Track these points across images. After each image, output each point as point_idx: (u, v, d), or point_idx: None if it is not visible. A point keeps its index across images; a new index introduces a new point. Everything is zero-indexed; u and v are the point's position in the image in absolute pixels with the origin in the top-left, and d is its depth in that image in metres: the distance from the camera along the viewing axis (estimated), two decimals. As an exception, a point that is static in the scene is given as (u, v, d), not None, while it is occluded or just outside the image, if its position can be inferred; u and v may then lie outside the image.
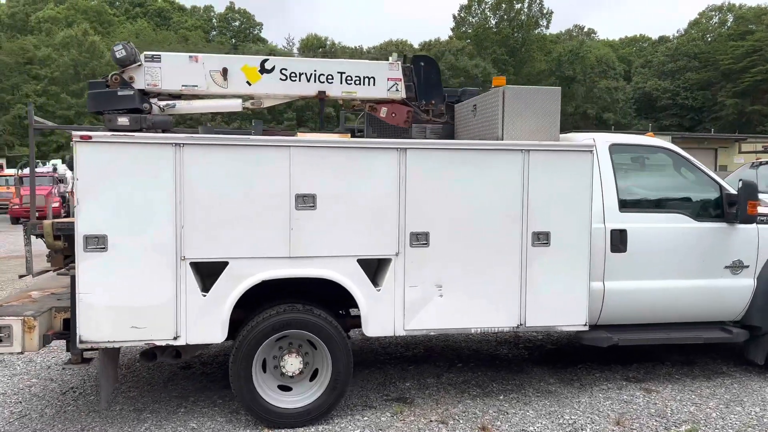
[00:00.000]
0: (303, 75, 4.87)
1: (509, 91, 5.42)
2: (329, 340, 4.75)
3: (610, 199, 5.41)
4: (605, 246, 5.35)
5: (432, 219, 4.86)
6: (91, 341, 4.44)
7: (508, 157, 4.95)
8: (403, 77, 5.02)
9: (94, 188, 4.37)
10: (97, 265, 4.39)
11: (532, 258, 5.02)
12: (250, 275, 4.62)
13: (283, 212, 4.62)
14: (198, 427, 4.79)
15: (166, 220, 4.46)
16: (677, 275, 5.51)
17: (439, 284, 4.89)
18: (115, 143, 4.39)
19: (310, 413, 4.77)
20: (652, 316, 5.57)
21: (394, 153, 4.76)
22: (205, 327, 4.57)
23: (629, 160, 5.84)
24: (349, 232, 4.73)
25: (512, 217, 4.97)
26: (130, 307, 4.45)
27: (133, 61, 4.59)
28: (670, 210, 5.60)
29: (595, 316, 5.41)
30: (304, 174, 4.63)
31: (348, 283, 4.76)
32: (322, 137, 4.79)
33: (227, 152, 4.54)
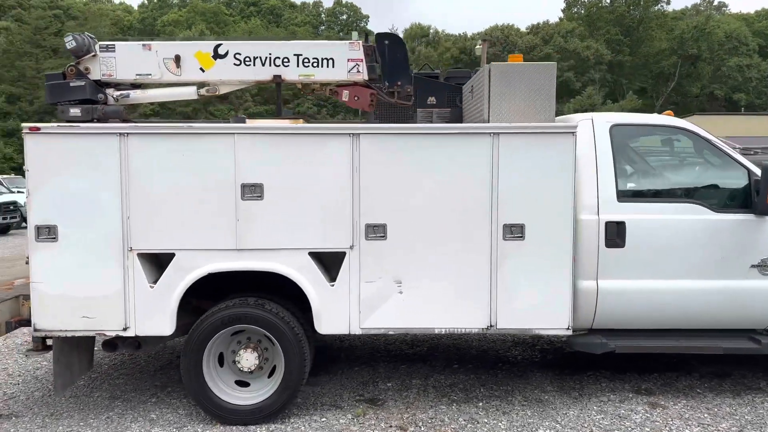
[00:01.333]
0: (257, 59, 4.65)
1: (495, 68, 4.93)
2: (281, 337, 4.54)
3: (606, 187, 4.77)
4: (599, 240, 4.73)
5: (390, 210, 4.50)
6: (45, 329, 4.52)
7: (474, 141, 4.49)
8: (365, 57, 4.67)
9: (44, 179, 4.42)
10: (48, 255, 4.45)
11: (504, 253, 4.53)
12: (197, 267, 4.50)
13: (229, 202, 4.45)
14: (157, 418, 4.77)
15: (112, 210, 4.44)
16: (690, 275, 4.77)
17: (398, 280, 4.53)
18: (62, 134, 4.42)
19: (262, 411, 4.59)
20: (660, 322, 4.87)
21: (346, 139, 4.45)
22: (154, 319, 4.51)
23: (636, 142, 5.14)
24: (299, 224, 4.49)
25: (480, 209, 4.50)
26: (81, 297, 4.48)
27: (87, 52, 4.60)
28: (682, 200, 4.86)
29: (588, 319, 4.81)
30: (250, 162, 4.44)
31: (297, 277, 4.52)
32: (269, 123, 4.57)
33: (171, 141, 4.44)
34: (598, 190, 4.76)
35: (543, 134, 4.49)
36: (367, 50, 4.69)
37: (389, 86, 4.85)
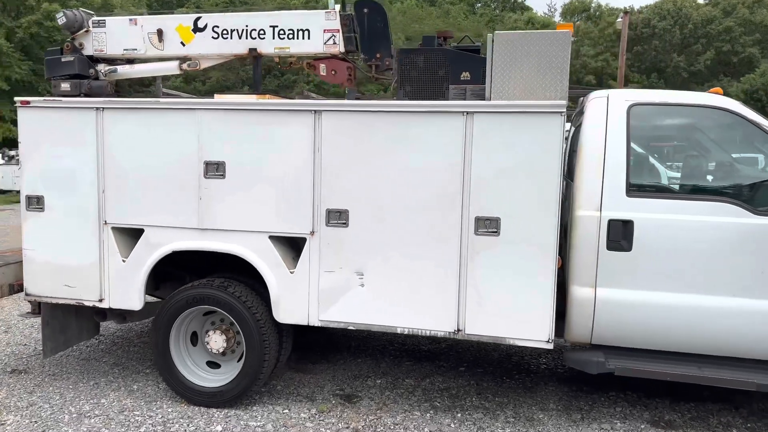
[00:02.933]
0: (234, 31, 4.46)
1: (499, 38, 4.35)
2: (241, 322, 4.38)
3: (614, 178, 3.99)
4: (598, 241, 3.99)
5: (352, 195, 4.13)
6: (34, 294, 4.75)
7: (444, 121, 3.96)
8: (342, 28, 4.29)
9: (33, 151, 4.62)
10: (36, 224, 4.66)
11: (475, 249, 3.97)
12: (163, 244, 4.47)
13: (193, 180, 4.35)
14: (137, 389, 4.86)
15: (90, 184, 4.53)
16: (716, 290, 3.88)
17: (360, 272, 4.17)
18: (47, 108, 4.58)
19: (223, 395, 4.48)
20: (673, 343, 4.02)
21: (308, 116, 4.14)
22: (125, 292, 4.57)
23: (662, 126, 4.25)
24: (260, 206, 4.28)
25: (449, 198, 3.98)
26: (63, 266, 4.64)
27: (80, 27, 4.70)
28: (713, 197, 3.94)
29: (584, 332, 4.11)
30: (213, 139, 4.30)
31: (256, 260, 4.32)
32: (232, 98, 4.37)
33: (140, 116, 4.41)
34: (603, 181, 4.01)
35: (524, 114, 3.85)
36: (344, 20, 4.32)
37: (368, 59, 4.44)
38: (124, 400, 4.65)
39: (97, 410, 4.49)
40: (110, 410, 4.49)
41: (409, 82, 5.67)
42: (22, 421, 4.32)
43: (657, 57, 44.73)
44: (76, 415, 4.41)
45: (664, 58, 44.38)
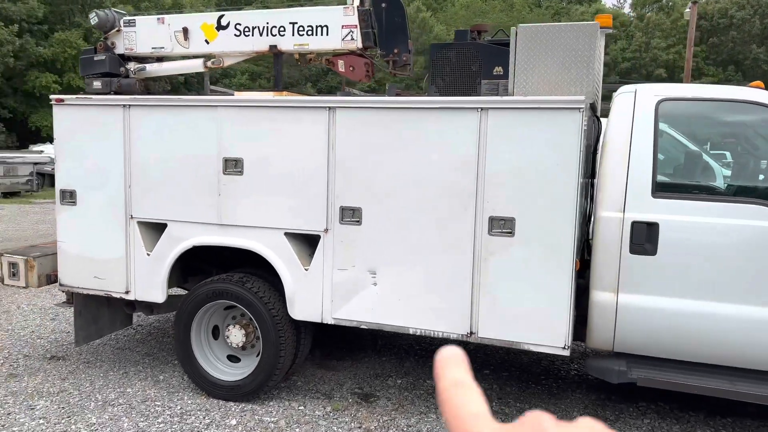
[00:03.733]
0: (256, 29, 4.47)
1: (523, 31, 4.22)
2: (258, 317, 4.41)
3: (639, 178, 3.78)
4: (621, 243, 3.79)
5: (365, 193, 4.08)
6: (67, 285, 4.94)
7: (458, 117, 3.85)
8: (359, 23, 4.23)
9: (66, 147, 4.80)
10: (69, 218, 4.84)
11: (489, 250, 3.85)
12: (185, 239, 4.55)
13: (213, 177, 4.41)
14: (163, 380, 4.97)
15: (117, 178, 4.66)
16: (752, 300, 3.61)
17: (372, 270, 4.11)
18: (79, 105, 4.73)
19: (241, 389, 4.53)
20: (702, 354, 3.77)
21: (323, 113, 4.11)
22: (149, 285, 4.68)
23: (694, 123, 3.98)
24: (276, 202, 4.29)
25: (463, 197, 3.87)
26: (93, 258, 4.80)
27: (112, 27, 4.83)
28: (748, 200, 3.67)
29: (606, 339, 3.92)
30: (231, 136, 4.33)
31: (272, 257, 4.33)
32: (251, 96, 4.38)
33: (164, 113, 4.50)
34: (627, 181, 3.80)
35: (541, 110, 3.69)
36: (362, 15, 4.26)
37: (386, 54, 4.37)
38: (149, 390, 4.77)
39: (121, 399, 4.63)
40: (134, 399, 4.61)
41: (441, 77, 5.60)
42: (51, 407, 4.49)
43: (735, 49, 42.44)
44: (101, 403, 4.56)
45: (743, 49, 42.06)
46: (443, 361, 0.47)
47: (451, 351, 0.48)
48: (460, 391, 0.44)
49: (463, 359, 0.47)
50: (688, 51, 20.62)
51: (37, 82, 30.75)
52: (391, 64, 4.40)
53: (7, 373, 5.11)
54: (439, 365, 0.47)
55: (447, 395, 0.44)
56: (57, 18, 33.87)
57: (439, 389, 0.45)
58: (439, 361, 0.47)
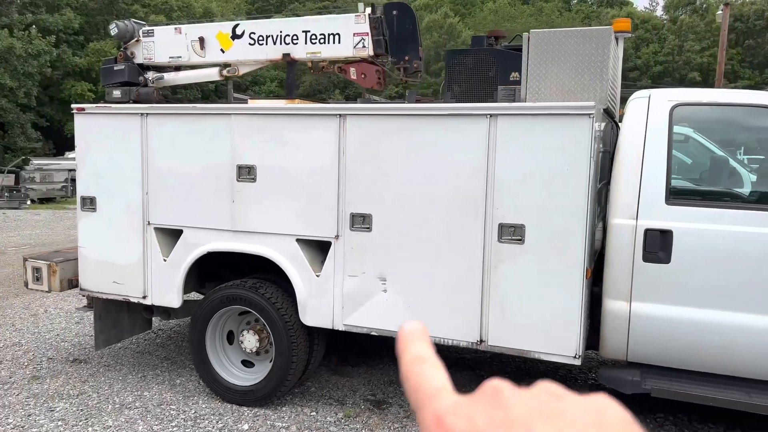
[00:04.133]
0: (270, 37, 4.52)
1: (535, 36, 4.21)
2: (271, 323, 4.45)
3: (652, 185, 3.72)
4: (633, 252, 3.73)
5: (375, 199, 4.09)
6: (87, 290, 5.05)
7: (467, 124, 3.83)
8: (371, 31, 4.24)
9: (87, 154, 4.91)
10: (90, 224, 4.95)
11: (499, 258, 3.82)
12: (200, 245, 4.61)
13: (227, 183, 4.46)
14: (179, 384, 5.05)
15: (135, 185, 4.75)
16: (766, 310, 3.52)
17: (383, 277, 4.12)
18: (99, 114, 4.85)
19: (254, 394, 4.57)
20: (719, 365, 3.67)
21: (333, 120, 4.14)
22: (165, 290, 4.75)
23: (710, 128, 3.89)
24: (288, 209, 4.32)
25: (473, 204, 3.85)
26: (112, 263, 4.90)
27: (132, 37, 4.94)
28: (763, 206, 3.57)
29: (619, 348, 3.85)
30: (244, 143, 4.39)
31: (284, 263, 4.37)
32: (263, 103, 4.43)
33: (180, 121, 4.58)
34: (640, 187, 3.74)
35: (550, 116, 3.65)
36: (373, 23, 4.28)
37: (396, 61, 4.38)
38: (165, 394, 4.84)
39: (138, 402, 4.70)
40: (150, 403, 4.68)
41: (458, 84, 5.59)
42: (70, 409, 4.59)
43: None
44: (118, 406, 4.64)
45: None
46: (405, 337, 0.47)
47: (413, 326, 0.48)
48: (423, 365, 0.44)
49: (425, 334, 0.48)
50: (720, 54, 20.20)
51: (73, 90, 31.53)
52: (402, 71, 4.41)
53: (31, 375, 5.23)
54: (401, 341, 0.47)
55: (409, 370, 0.44)
56: (92, 29, 34.72)
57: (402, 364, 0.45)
58: (402, 337, 0.47)
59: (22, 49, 27.62)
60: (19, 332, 6.43)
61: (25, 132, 29.43)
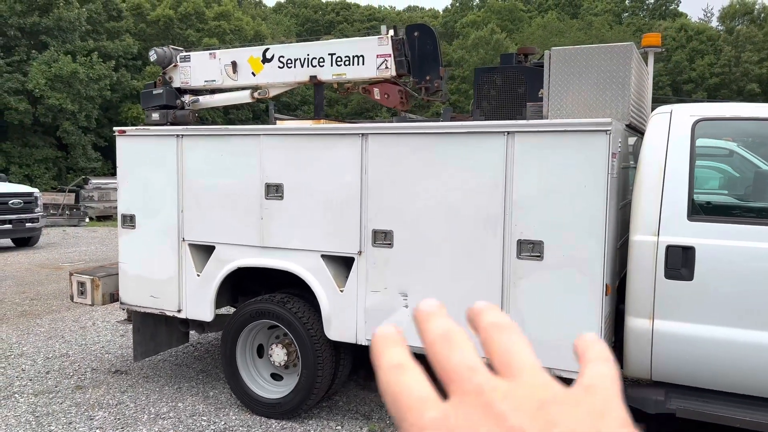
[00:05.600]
0: (297, 60, 4.68)
1: (557, 54, 4.25)
2: (297, 337, 4.56)
3: (674, 201, 3.67)
4: (655, 269, 3.68)
5: (396, 216, 4.17)
6: (127, 303, 5.28)
7: (485, 141, 3.87)
8: (393, 52, 4.34)
9: (127, 174, 5.16)
10: (129, 240, 5.19)
11: (518, 274, 3.83)
12: (231, 261, 4.77)
13: (256, 201, 4.62)
14: (212, 396, 5.20)
15: (171, 204, 4.97)
16: (797, 328, 3.42)
17: (404, 293, 4.18)
18: (138, 136, 5.09)
19: (281, 407, 4.67)
20: (749, 385, 3.57)
21: (356, 139, 4.25)
22: (199, 304, 4.93)
23: (734, 144, 3.81)
24: (313, 225, 4.44)
25: (491, 220, 3.88)
26: (149, 278, 5.12)
27: (170, 62, 5.19)
28: (792, 222, 3.48)
29: (643, 367, 3.79)
30: (272, 163, 4.54)
31: (310, 279, 4.48)
32: (291, 124, 4.57)
33: (213, 142, 4.77)
34: (662, 204, 3.70)
35: (568, 133, 3.66)
36: (395, 44, 4.38)
37: (418, 81, 4.46)
38: (198, 405, 5.00)
39: (172, 413, 4.87)
40: (183, 414, 4.84)
41: (487, 101, 5.64)
42: (108, 417, 4.79)
43: (837, 61, 39.81)
44: (153, 416, 4.82)
45: None
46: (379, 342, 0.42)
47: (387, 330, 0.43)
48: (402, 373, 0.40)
49: (400, 339, 0.43)
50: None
51: (130, 113, 32.89)
52: (424, 91, 4.49)
53: (75, 384, 5.48)
54: (374, 347, 0.42)
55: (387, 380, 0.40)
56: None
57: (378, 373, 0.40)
58: (375, 343, 0.42)
59: (84, 74, 29.02)
60: (68, 344, 6.73)
61: (86, 153, 30.79)
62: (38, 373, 5.77)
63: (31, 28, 30.38)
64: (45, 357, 6.26)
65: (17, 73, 28.93)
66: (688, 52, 45.13)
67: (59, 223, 20.96)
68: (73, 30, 31.92)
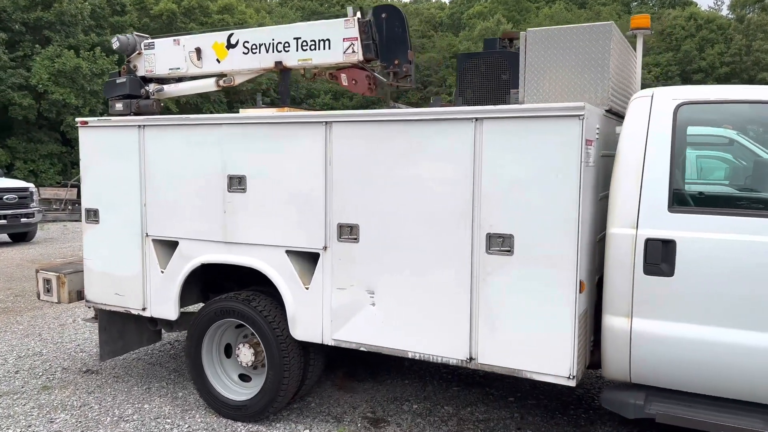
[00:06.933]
0: (262, 46, 4.44)
1: (533, 36, 4.01)
2: (263, 337, 4.34)
3: (654, 191, 3.41)
4: (634, 264, 3.42)
5: (362, 209, 3.93)
6: (92, 301, 5.08)
7: (452, 129, 3.62)
8: (360, 35, 4.09)
9: (90, 167, 4.96)
10: (93, 235, 4.99)
11: (488, 270, 3.58)
12: (194, 257, 4.56)
13: (219, 194, 4.40)
14: (181, 397, 5.00)
15: (134, 197, 4.75)
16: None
17: (371, 290, 3.94)
18: (100, 127, 4.88)
19: (247, 409, 4.45)
20: (732, 389, 3.31)
21: (319, 128, 4.01)
22: (163, 302, 4.72)
23: (720, 129, 3.54)
24: (277, 220, 4.21)
25: (459, 213, 3.63)
26: (114, 275, 4.91)
27: (134, 50, 4.97)
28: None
29: (621, 368, 3.54)
30: (235, 153, 4.31)
31: (274, 275, 4.25)
32: (253, 112, 4.33)
33: (174, 132, 4.55)
34: (640, 194, 3.44)
35: (537, 119, 3.40)
36: (362, 27, 4.13)
37: (386, 66, 4.21)
38: (165, 407, 4.80)
39: (136, 415, 4.67)
40: (147, 416, 4.65)
41: (471, 88, 5.38)
42: (69, 420, 4.60)
43: None
44: (116, 419, 4.62)
45: None
46: None
47: None
48: None
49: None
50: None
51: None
52: (392, 76, 4.24)
53: (42, 385, 5.30)
54: None
55: None
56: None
57: None
58: None
59: (88, 69, 28.92)
60: (44, 342, 6.57)
61: (90, 147, 30.70)
62: (7, 373, 5.59)
63: (34, 23, 30.34)
64: (17, 356, 6.09)
65: (21, 69, 28.90)
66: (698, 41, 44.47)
67: (61, 218, 20.89)
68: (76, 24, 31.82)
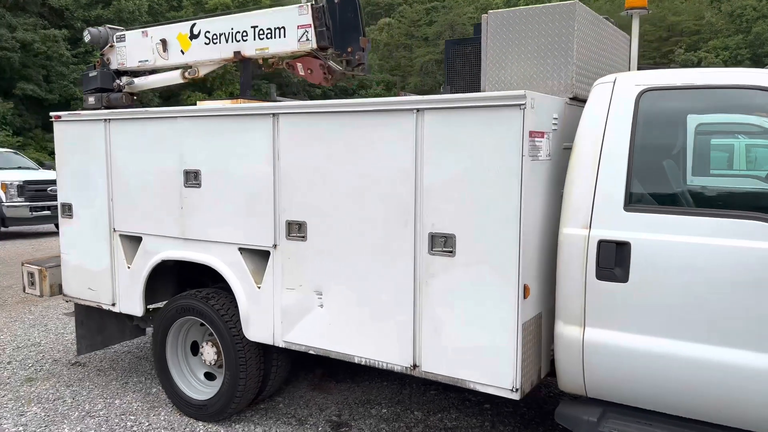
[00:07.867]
0: (222, 35, 4.29)
1: (494, 18, 3.73)
2: (220, 335, 4.23)
3: (609, 187, 3.08)
4: (585, 268, 3.11)
5: (309, 206, 3.75)
6: (69, 295, 5.10)
7: (394, 121, 3.38)
8: (314, 22, 3.88)
9: (63, 161, 4.96)
10: (68, 230, 5.00)
11: (431, 272, 3.34)
12: (156, 253, 4.49)
13: (176, 189, 4.30)
14: (154, 393, 4.96)
15: (102, 192, 4.72)
16: (749, 343, 2.79)
17: (319, 291, 3.76)
18: (72, 121, 4.86)
19: (207, 409, 4.36)
20: (691, 408, 2.96)
21: (267, 120, 3.84)
22: (129, 298, 4.67)
23: (689, 117, 3.16)
24: (229, 216, 4.08)
25: (401, 211, 3.40)
26: (87, 270, 4.91)
27: (106, 43, 4.92)
28: (743, 213, 2.83)
29: (575, 381, 3.24)
30: (190, 147, 4.20)
31: (227, 273, 4.13)
32: (205, 105, 4.19)
33: (136, 126, 4.48)
34: (595, 191, 3.12)
35: (476, 109, 3.12)
36: (316, 14, 3.93)
37: (339, 54, 3.99)
38: (135, 403, 4.76)
39: (104, 411, 4.65)
40: (113, 412, 4.62)
41: (460, 76, 5.12)
42: (39, 414, 4.62)
43: None
44: (83, 414, 4.61)
45: None
46: None
47: None
48: None
49: None
50: None
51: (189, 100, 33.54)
52: (345, 64, 4.02)
53: (27, 376, 5.37)
54: None
55: None
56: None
57: None
58: None
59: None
60: (47, 332, 6.68)
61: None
62: (0, 363, 5.70)
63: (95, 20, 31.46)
64: (16, 346, 6.21)
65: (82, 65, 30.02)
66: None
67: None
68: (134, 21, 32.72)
